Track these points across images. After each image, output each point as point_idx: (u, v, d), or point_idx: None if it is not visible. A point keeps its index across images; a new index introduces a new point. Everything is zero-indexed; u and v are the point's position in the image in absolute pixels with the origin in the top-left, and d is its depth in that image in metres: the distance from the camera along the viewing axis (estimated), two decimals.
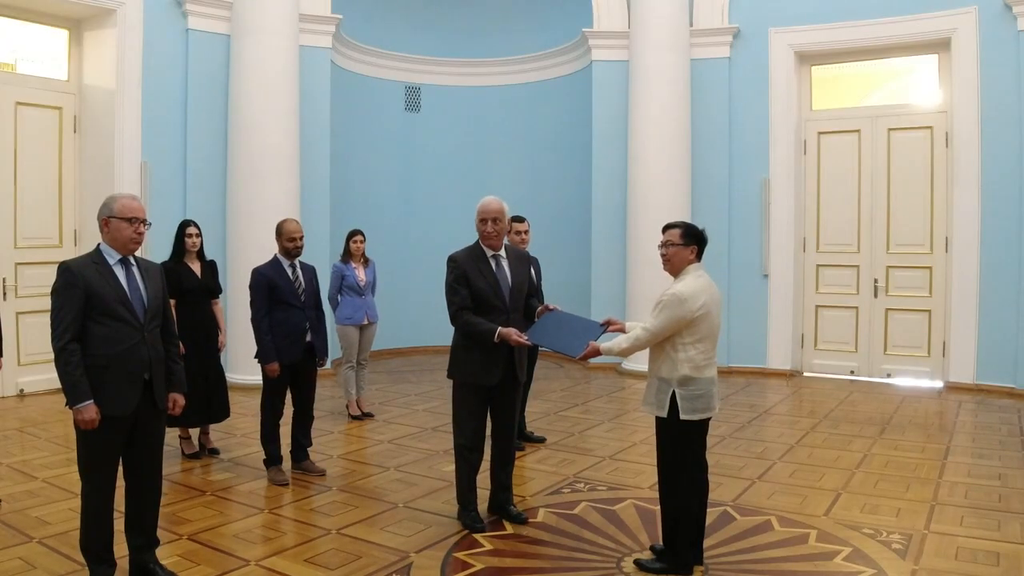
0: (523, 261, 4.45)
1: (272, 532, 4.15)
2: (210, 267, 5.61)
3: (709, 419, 3.64)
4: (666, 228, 3.70)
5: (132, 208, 3.34)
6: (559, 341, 4.03)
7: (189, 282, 5.40)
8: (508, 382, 4.24)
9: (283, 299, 5.01)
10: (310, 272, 5.26)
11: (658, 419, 3.63)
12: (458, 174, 10.59)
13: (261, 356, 4.96)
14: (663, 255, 3.69)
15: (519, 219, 5.76)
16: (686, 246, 3.62)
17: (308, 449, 5.23)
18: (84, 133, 7.80)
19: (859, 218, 8.67)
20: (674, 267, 3.67)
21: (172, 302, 5.04)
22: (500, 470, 4.38)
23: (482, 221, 4.17)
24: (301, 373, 5.13)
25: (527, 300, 4.37)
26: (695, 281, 3.57)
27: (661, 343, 3.57)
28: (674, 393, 3.53)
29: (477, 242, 4.26)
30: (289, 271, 5.10)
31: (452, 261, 4.20)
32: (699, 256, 3.65)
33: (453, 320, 4.18)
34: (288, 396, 5.17)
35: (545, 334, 4.11)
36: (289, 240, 5.10)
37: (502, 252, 4.26)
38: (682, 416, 3.52)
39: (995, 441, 5.94)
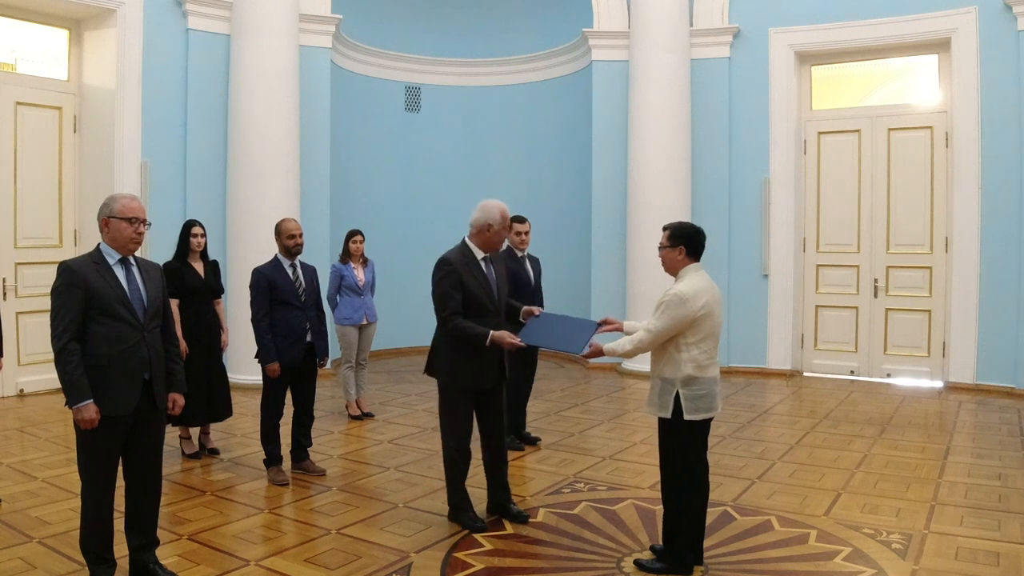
0: (500, 261, 4.47)
1: (272, 532, 4.15)
2: (212, 267, 5.62)
3: (712, 418, 3.65)
4: (663, 231, 3.73)
5: (132, 208, 3.34)
6: (554, 340, 4.06)
7: (193, 282, 5.40)
8: (497, 383, 4.28)
9: (283, 299, 5.00)
10: (310, 272, 5.26)
11: (661, 420, 3.63)
12: (458, 174, 10.59)
13: (261, 356, 4.95)
14: (660, 257, 3.73)
15: (520, 220, 5.73)
16: (673, 247, 3.64)
17: (308, 449, 5.23)
18: (84, 133, 7.80)
19: (859, 218, 8.67)
20: (669, 269, 3.70)
21: (175, 302, 5.09)
22: (496, 470, 4.36)
23: (507, 228, 4.25)
24: (301, 373, 5.12)
25: (508, 301, 4.41)
26: (695, 281, 3.58)
27: (664, 344, 3.57)
28: (678, 393, 3.53)
29: (465, 243, 4.22)
30: (289, 271, 5.10)
31: (447, 264, 4.11)
32: (695, 255, 3.65)
33: (444, 324, 4.12)
34: (288, 396, 5.17)
35: (538, 335, 4.13)
36: (289, 238, 5.09)
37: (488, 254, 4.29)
38: (686, 416, 3.52)
39: (995, 441, 5.94)
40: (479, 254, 4.19)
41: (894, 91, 8.79)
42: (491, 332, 4.01)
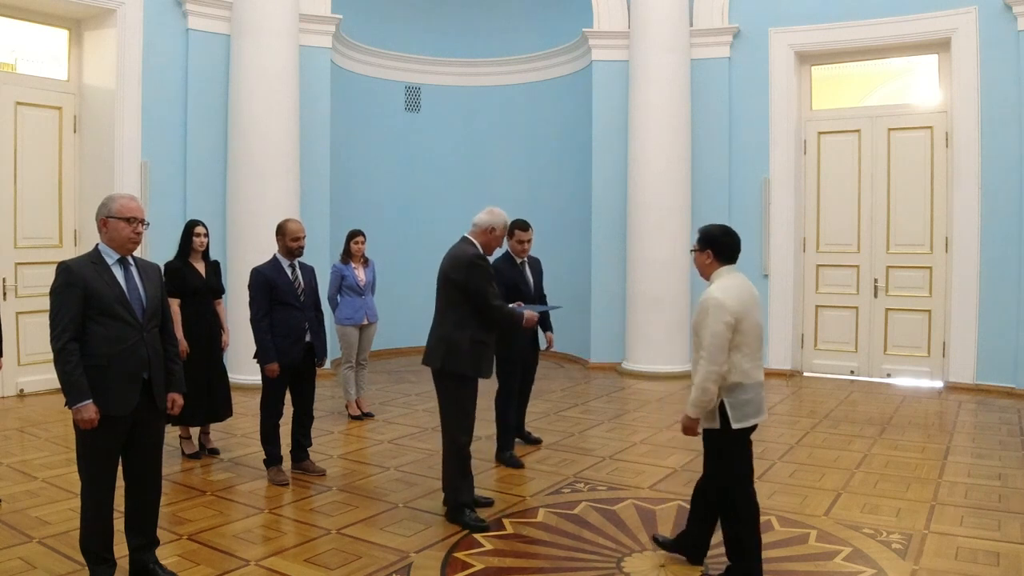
0: None
1: (272, 532, 4.15)
2: (214, 267, 5.62)
3: (756, 425, 3.51)
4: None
5: (130, 208, 3.34)
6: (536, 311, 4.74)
7: (194, 282, 5.40)
8: None
9: (282, 299, 5.00)
10: (309, 272, 5.25)
11: (707, 432, 3.49)
12: (458, 174, 10.59)
13: (260, 356, 4.95)
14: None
15: (524, 227, 5.59)
16: (701, 251, 3.60)
17: (308, 449, 5.23)
18: (84, 133, 7.80)
19: (859, 218, 8.67)
20: (702, 273, 3.64)
21: (176, 301, 5.09)
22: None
23: (507, 236, 4.61)
24: (301, 373, 5.12)
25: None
26: (725, 282, 3.48)
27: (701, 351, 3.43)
28: (723, 402, 3.38)
29: (472, 241, 4.31)
30: (289, 271, 5.10)
31: (484, 259, 4.30)
32: (724, 257, 3.55)
33: (497, 312, 4.23)
34: (288, 396, 5.17)
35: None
36: (293, 240, 5.09)
37: None
38: (734, 425, 3.38)
39: (995, 441, 5.94)
40: (483, 252, 4.33)
41: (894, 91, 8.79)
42: (524, 312, 4.36)
